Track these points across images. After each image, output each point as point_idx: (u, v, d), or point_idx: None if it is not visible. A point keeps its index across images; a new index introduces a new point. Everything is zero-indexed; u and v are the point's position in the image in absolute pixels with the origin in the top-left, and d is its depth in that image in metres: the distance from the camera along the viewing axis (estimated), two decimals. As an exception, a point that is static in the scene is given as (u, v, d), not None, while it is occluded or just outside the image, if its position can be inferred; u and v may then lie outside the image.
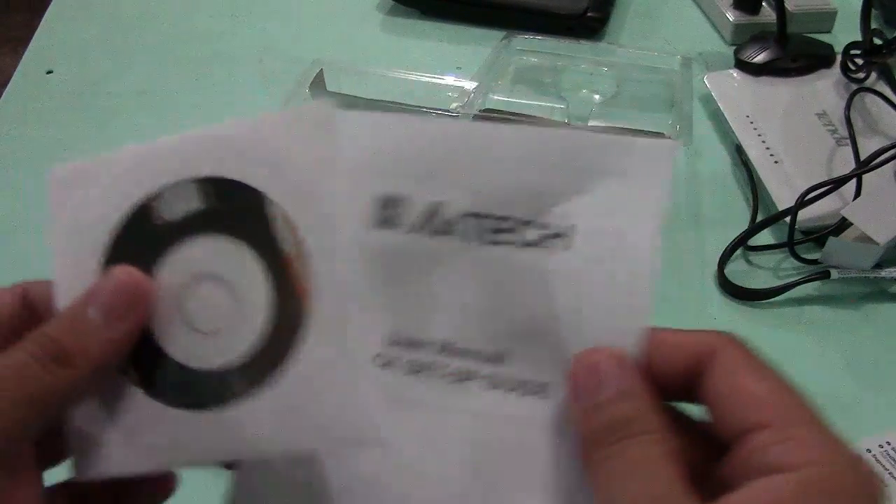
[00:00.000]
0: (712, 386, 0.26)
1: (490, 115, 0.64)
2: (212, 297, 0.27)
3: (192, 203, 0.28)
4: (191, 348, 0.27)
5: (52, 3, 0.94)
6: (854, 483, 0.23)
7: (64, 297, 0.28)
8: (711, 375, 0.26)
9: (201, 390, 0.27)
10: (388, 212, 0.27)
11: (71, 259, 0.29)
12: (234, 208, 0.27)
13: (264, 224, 0.27)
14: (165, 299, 0.27)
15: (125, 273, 0.26)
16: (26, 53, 0.86)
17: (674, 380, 0.27)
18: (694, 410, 0.28)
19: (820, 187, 0.63)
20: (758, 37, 0.81)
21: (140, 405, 0.27)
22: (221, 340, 0.27)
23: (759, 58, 0.78)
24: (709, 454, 0.26)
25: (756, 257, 0.64)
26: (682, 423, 0.28)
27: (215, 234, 0.27)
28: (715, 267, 0.63)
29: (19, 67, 0.84)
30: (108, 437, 0.27)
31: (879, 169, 0.64)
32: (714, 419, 0.26)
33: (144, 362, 0.27)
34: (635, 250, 0.28)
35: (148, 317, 0.27)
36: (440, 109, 0.72)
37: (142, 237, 0.28)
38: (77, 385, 0.25)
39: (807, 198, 0.63)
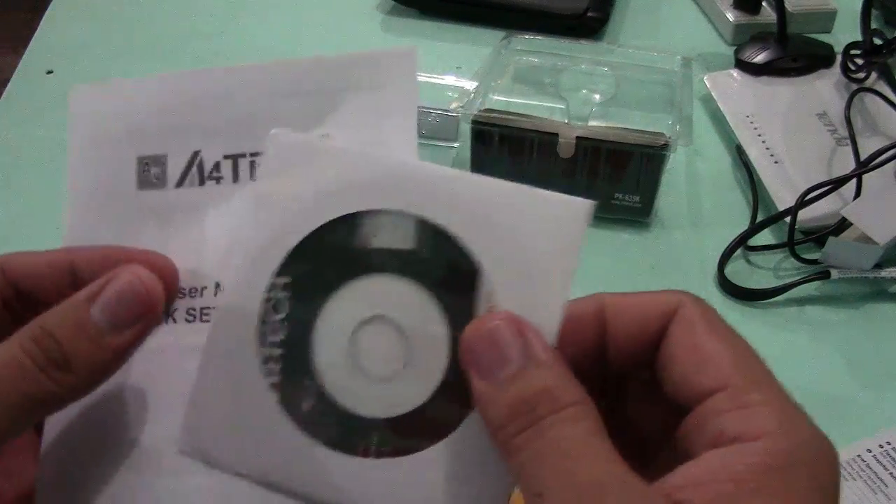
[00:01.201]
0: (670, 346, 0.24)
1: (489, 114, 0.64)
2: (387, 343, 0.26)
3: (405, 241, 0.26)
4: (351, 387, 0.26)
5: (52, 3, 0.94)
6: (812, 457, 0.22)
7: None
8: (669, 335, 0.25)
9: (341, 430, 0.25)
10: (152, 171, 0.28)
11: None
12: (442, 264, 0.26)
13: (468, 295, 0.26)
14: (335, 326, 0.26)
15: (136, 275, 0.24)
16: (26, 53, 0.86)
17: (639, 346, 0.25)
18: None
19: (820, 187, 0.63)
20: (758, 37, 0.81)
21: (272, 418, 0.26)
22: (387, 390, 0.25)
23: (759, 58, 0.78)
24: (668, 419, 0.24)
25: (756, 257, 0.64)
26: (640, 388, 0.26)
27: (410, 279, 0.26)
28: (715, 267, 0.63)
29: (19, 67, 0.84)
30: (232, 432, 0.26)
31: (879, 169, 0.64)
32: (671, 381, 0.24)
33: (291, 378, 0.26)
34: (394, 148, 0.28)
35: (157, 322, 0.25)
36: (440, 109, 0.72)
37: (335, 251, 0.26)
38: (75, 390, 0.24)
39: (807, 198, 0.63)
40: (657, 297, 0.26)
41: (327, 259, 0.26)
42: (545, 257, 0.26)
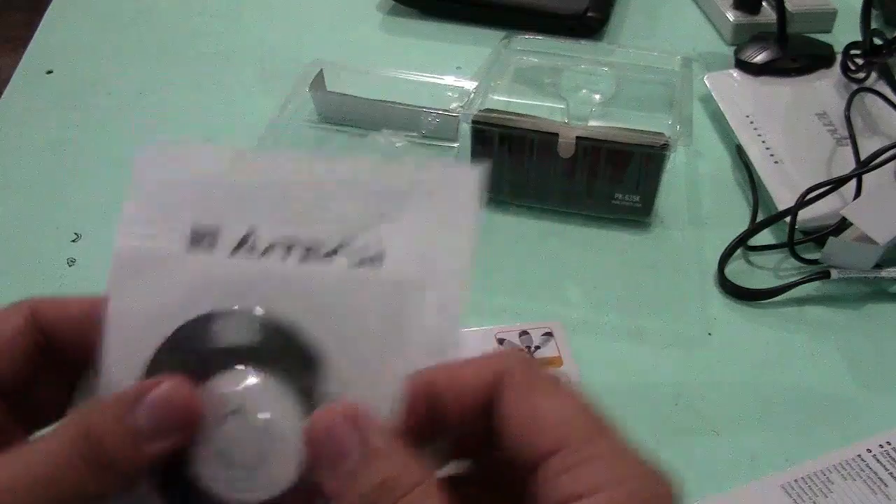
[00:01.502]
0: (502, 412, 0.24)
1: (489, 114, 0.64)
2: (249, 436, 0.27)
3: (252, 336, 0.27)
4: (223, 478, 0.27)
5: (52, 3, 0.94)
6: (650, 496, 0.22)
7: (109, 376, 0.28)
8: (501, 401, 0.24)
9: None
10: (203, 240, 0.28)
11: (122, 350, 0.28)
12: (290, 355, 0.27)
13: (316, 384, 0.27)
14: (204, 426, 0.27)
15: (181, 387, 0.25)
16: (26, 53, 0.86)
17: (474, 415, 0.25)
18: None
19: (820, 187, 0.63)
20: (758, 37, 0.81)
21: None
22: (256, 476, 0.26)
23: (759, 58, 0.78)
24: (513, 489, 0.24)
25: (756, 257, 0.64)
26: (483, 465, 0.27)
27: (257, 367, 0.27)
28: (715, 267, 0.63)
29: (19, 67, 0.84)
30: None
31: (879, 169, 0.64)
32: (509, 446, 0.24)
33: (171, 478, 0.27)
34: (445, 279, 0.28)
35: (190, 435, 0.26)
36: (440, 109, 0.72)
37: (193, 353, 0.27)
38: (112, 488, 0.24)
39: (807, 198, 0.63)
40: (484, 363, 0.26)
41: (183, 363, 0.27)
42: (377, 337, 0.27)
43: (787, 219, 0.63)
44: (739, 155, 0.72)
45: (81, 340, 0.27)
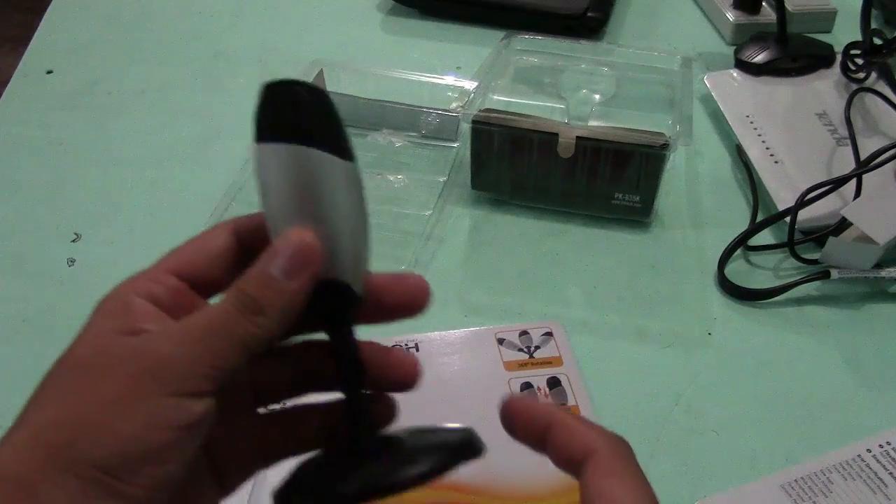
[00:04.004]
0: (582, 482, 0.29)
1: (489, 114, 0.64)
2: None
3: None
4: None
5: (52, 3, 0.94)
6: None
7: None
8: (584, 474, 0.29)
9: None
10: None
11: None
12: None
13: None
14: None
15: (299, 236, 0.30)
16: (26, 53, 0.86)
17: (566, 466, 0.30)
18: None
19: (820, 187, 0.63)
20: (758, 37, 0.81)
21: None
22: None
23: (759, 58, 0.78)
24: None
25: (756, 257, 0.64)
26: None
27: None
28: (715, 267, 0.63)
29: (19, 67, 0.84)
30: None
31: (879, 169, 0.64)
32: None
33: None
34: None
35: (319, 272, 0.30)
36: (440, 109, 0.72)
37: None
38: (270, 331, 0.29)
39: (807, 198, 0.63)
40: (581, 435, 0.30)
41: None
42: None
43: (787, 219, 0.63)
44: (739, 155, 0.72)
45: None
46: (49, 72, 0.83)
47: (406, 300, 0.34)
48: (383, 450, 0.32)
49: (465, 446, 0.31)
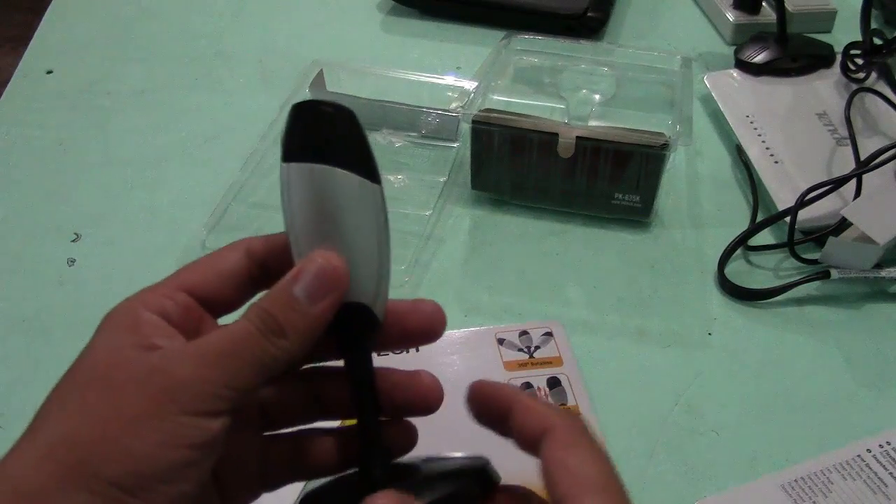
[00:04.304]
0: (542, 457, 0.29)
1: (489, 114, 0.64)
2: None
3: None
4: None
5: (52, 3, 0.94)
6: None
7: None
8: (542, 449, 0.29)
9: None
10: None
11: None
12: None
13: None
14: None
15: (325, 258, 0.30)
16: (26, 53, 0.86)
17: (526, 446, 0.30)
18: None
19: (820, 187, 0.63)
20: (758, 37, 0.81)
21: None
22: None
23: (759, 58, 0.78)
24: None
25: (756, 257, 0.64)
26: None
27: None
28: (715, 267, 0.63)
29: (19, 67, 0.84)
30: None
31: (879, 169, 0.64)
32: (546, 486, 0.29)
33: None
34: None
35: (343, 296, 0.30)
36: (440, 109, 0.72)
37: None
38: (290, 353, 0.29)
39: (807, 198, 0.63)
40: (538, 415, 0.30)
41: None
42: None
43: (787, 219, 0.63)
44: (739, 155, 0.72)
45: (287, 269, 0.31)
46: (49, 72, 0.83)
47: (423, 327, 0.34)
48: (396, 479, 0.31)
49: (480, 476, 0.31)
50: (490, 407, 0.31)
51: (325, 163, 0.29)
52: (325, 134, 0.30)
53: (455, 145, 0.72)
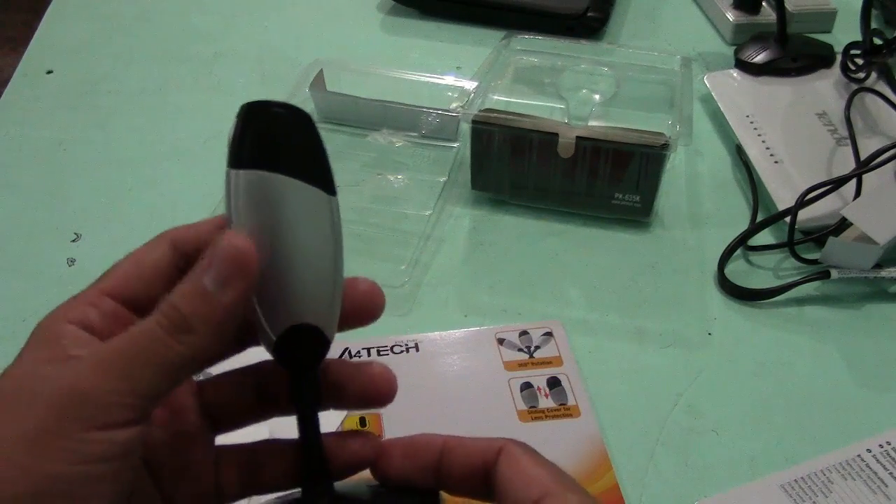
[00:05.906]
0: (500, 474, 0.30)
1: (489, 114, 0.64)
2: None
3: None
4: None
5: (52, 3, 0.94)
6: None
7: None
8: (500, 465, 0.30)
9: None
10: None
11: None
12: None
13: None
14: None
15: (232, 242, 0.27)
16: (26, 53, 0.86)
17: (473, 477, 0.31)
18: None
19: (820, 187, 0.63)
20: (758, 37, 0.81)
21: None
22: None
23: (759, 58, 0.78)
24: None
25: (756, 257, 0.64)
26: None
27: None
28: (715, 267, 0.63)
29: (19, 67, 0.84)
30: None
31: (879, 169, 0.64)
32: (507, 499, 0.29)
33: None
34: None
35: (254, 282, 0.28)
36: (440, 109, 0.72)
37: None
38: (201, 349, 0.27)
39: (807, 198, 0.63)
40: (490, 441, 0.31)
41: None
42: None
43: (787, 219, 0.63)
44: (739, 155, 0.72)
45: None
46: (49, 72, 0.83)
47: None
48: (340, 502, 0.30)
49: (427, 501, 0.30)
50: (414, 459, 0.31)
51: (275, 171, 0.27)
52: (277, 139, 0.27)
53: (455, 145, 0.72)
